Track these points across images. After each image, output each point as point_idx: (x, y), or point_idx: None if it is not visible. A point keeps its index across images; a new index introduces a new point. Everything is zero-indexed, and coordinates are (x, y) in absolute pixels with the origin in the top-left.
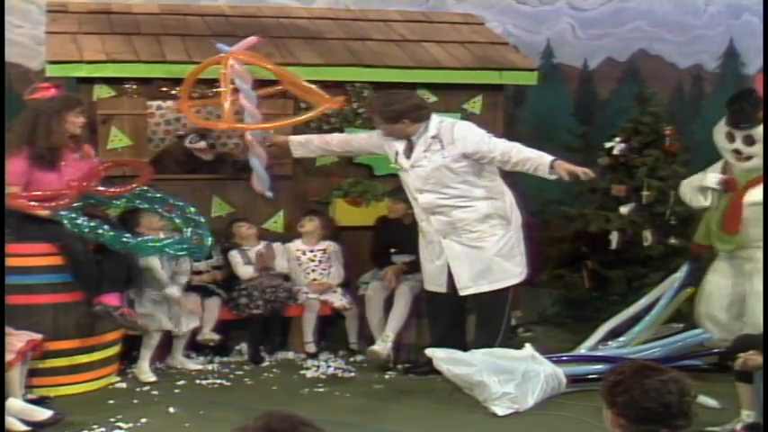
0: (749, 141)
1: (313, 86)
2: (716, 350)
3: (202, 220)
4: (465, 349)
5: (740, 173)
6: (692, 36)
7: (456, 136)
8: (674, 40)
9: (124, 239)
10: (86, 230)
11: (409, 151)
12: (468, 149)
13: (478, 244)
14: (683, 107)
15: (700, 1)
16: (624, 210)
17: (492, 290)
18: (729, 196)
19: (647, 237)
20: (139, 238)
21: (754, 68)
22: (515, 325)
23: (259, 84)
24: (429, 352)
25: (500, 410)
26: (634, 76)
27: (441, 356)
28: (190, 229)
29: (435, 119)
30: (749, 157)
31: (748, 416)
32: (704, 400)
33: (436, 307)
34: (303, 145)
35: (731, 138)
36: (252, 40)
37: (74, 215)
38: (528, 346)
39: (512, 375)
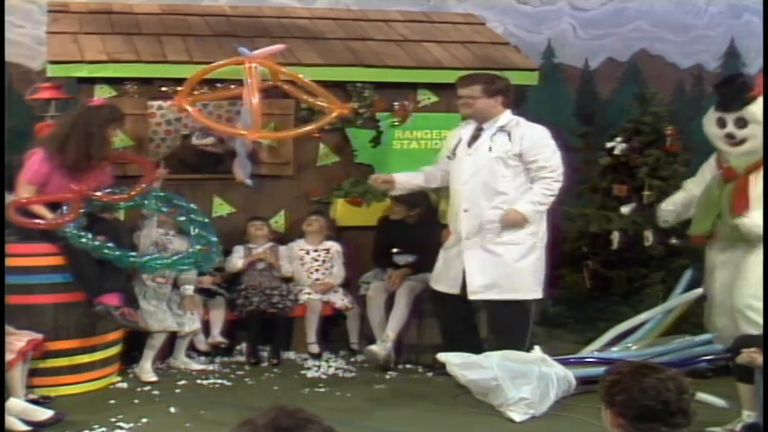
0: (741, 124)
1: (325, 91)
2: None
3: (206, 220)
4: (480, 350)
5: (736, 159)
6: (693, 36)
7: (525, 133)
8: (675, 40)
9: (131, 259)
10: (91, 247)
11: (473, 141)
12: (525, 147)
13: (500, 251)
14: (684, 107)
15: (700, 1)
16: (625, 210)
17: (502, 300)
18: (732, 185)
19: (649, 237)
20: (146, 257)
21: (754, 68)
22: None
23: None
24: (442, 357)
25: (517, 416)
26: (635, 76)
27: (455, 362)
28: (196, 230)
29: (510, 113)
30: (743, 141)
31: (749, 416)
32: (713, 399)
33: (446, 308)
34: (403, 183)
35: (722, 123)
36: (278, 47)
37: (77, 230)
38: (537, 348)
39: (527, 379)
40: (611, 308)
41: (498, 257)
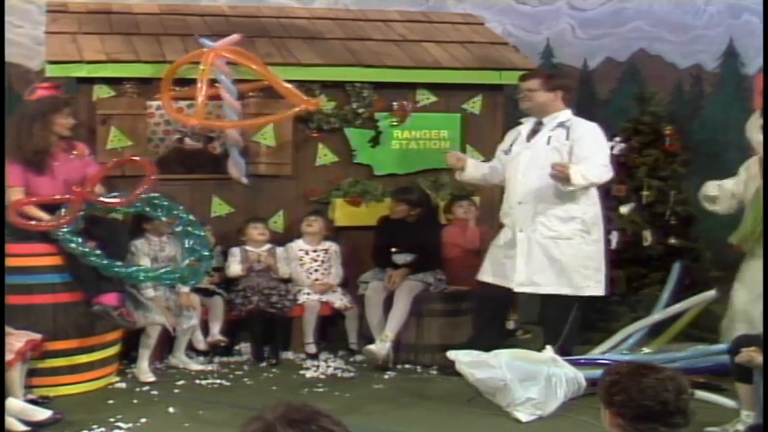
0: None
1: (291, 87)
2: None
3: (203, 234)
4: (500, 343)
5: None
6: (692, 36)
7: (582, 129)
8: (674, 40)
9: (116, 269)
10: (79, 253)
11: (532, 135)
12: (576, 137)
13: (550, 244)
14: (683, 107)
15: (699, 1)
16: (624, 209)
17: (547, 294)
18: None
19: (647, 237)
20: (133, 268)
21: (753, 68)
22: (514, 328)
23: (240, 81)
24: (452, 355)
25: (523, 417)
26: (634, 76)
27: (465, 360)
28: (191, 243)
29: (569, 112)
30: None
31: (748, 416)
32: (723, 400)
33: (487, 300)
34: (475, 168)
35: None
36: (234, 37)
37: (69, 235)
38: (548, 348)
39: (535, 380)
40: (609, 308)
41: (548, 251)
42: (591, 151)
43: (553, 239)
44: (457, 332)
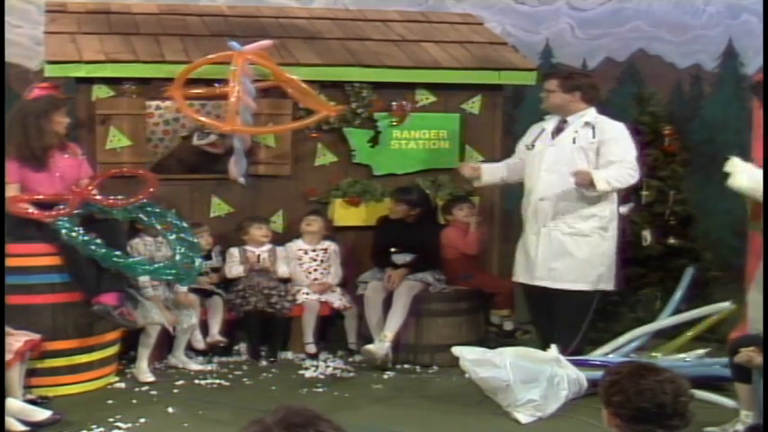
0: None
1: (314, 92)
2: None
3: (195, 241)
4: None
5: None
6: (691, 36)
7: (607, 128)
8: (673, 39)
9: (115, 258)
10: (80, 243)
11: (557, 133)
12: (604, 138)
13: (569, 240)
14: (682, 107)
15: (699, 1)
16: (623, 210)
17: (567, 289)
18: None
19: (647, 237)
20: (131, 259)
21: (752, 68)
22: (513, 329)
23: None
24: (456, 351)
25: (523, 418)
26: (633, 75)
27: (469, 357)
28: (183, 249)
29: (594, 110)
30: None
31: (747, 416)
32: (721, 399)
33: (536, 300)
34: (492, 173)
35: None
36: (267, 42)
37: (69, 225)
38: (553, 347)
39: (537, 382)
40: (608, 308)
41: (566, 246)
42: (619, 155)
43: (572, 236)
44: (456, 332)
